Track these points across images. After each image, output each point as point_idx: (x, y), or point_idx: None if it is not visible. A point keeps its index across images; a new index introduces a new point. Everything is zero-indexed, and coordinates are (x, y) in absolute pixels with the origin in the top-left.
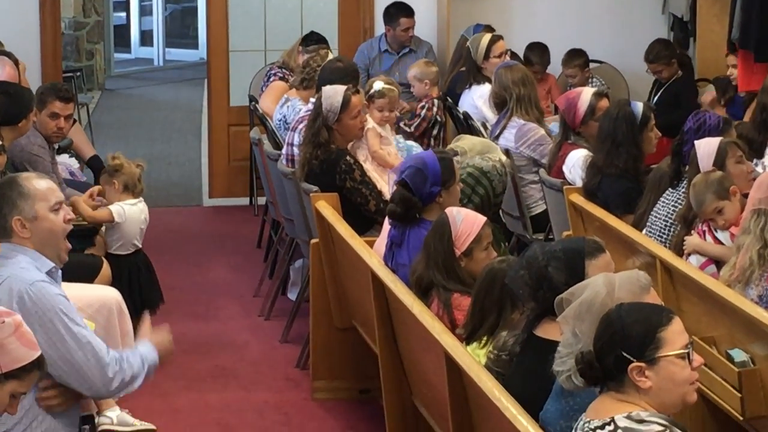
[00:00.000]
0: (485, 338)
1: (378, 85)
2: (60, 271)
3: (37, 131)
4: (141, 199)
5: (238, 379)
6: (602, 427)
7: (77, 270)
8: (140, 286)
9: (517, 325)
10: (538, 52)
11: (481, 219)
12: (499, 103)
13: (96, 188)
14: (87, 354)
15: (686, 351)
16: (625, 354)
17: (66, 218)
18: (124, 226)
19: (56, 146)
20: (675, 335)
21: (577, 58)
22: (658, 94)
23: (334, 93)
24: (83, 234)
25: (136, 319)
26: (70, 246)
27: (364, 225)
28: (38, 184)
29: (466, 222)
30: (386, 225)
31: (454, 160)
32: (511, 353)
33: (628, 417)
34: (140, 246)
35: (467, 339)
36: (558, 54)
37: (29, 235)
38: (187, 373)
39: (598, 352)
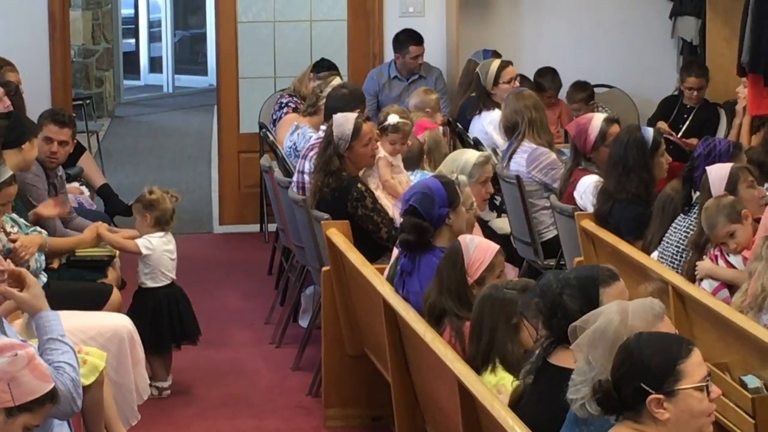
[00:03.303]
0: (488, 365)
1: (393, 119)
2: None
3: (35, 159)
4: (168, 231)
5: (249, 407)
6: None
7: (84, 296)
8: (180, 318)
9: (531, 352)
10: (549, 77)
11: (494, 247)
12: (510, 127)
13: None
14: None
15: (705, 384)
16: (643, 386)
17: None
18: (152, 258)
19: (63, 174)
20: (694, 367)
21: (580, 91)
22: (687, 121)
23: (345, 121)
24: (95, 266)
25: (176, 349)
26: None
27: (376, 252)
28: None
29: (479, 250)
30: (395, 251)
31: (455, 183)
32: (524, 381)
33: None
34: (174, 278)
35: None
36: (566, 80)
37: None
38: (199, 401)
39: (616, 382)
